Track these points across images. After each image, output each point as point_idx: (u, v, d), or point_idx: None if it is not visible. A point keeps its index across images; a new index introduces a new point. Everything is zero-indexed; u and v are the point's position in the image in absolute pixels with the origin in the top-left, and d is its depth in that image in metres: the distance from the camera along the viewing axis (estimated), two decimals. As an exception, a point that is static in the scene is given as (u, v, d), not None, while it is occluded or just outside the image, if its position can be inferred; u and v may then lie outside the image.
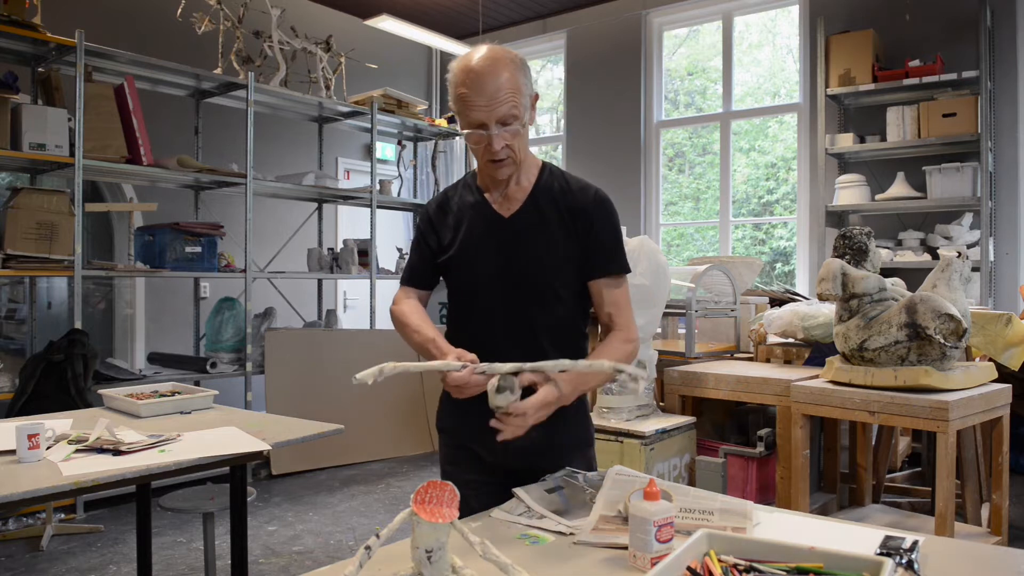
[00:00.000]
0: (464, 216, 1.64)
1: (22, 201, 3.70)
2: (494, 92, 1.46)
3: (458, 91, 1.50)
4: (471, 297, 1.65)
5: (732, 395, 3.17)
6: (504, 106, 1.47)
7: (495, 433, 1.41)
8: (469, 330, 1.64)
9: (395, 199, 5.97)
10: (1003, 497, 2.81)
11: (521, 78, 1.51)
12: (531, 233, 1.60)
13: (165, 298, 5.48)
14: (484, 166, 1.59)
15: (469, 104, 1.48)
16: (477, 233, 1.62)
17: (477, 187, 1.66)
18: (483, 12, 6.79)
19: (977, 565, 1.18)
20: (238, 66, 4.83)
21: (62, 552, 3.35)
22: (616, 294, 1.62)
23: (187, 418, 2.23)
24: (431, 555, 1.06)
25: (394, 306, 1.70)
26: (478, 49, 1.52)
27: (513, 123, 1.50)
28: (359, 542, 3.49)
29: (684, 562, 1.00)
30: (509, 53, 1.52)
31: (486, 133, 1.50)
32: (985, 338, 3.20)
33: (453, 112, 1.57)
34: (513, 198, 1.62)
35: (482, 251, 1.62)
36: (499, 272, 1.61)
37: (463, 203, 1.66)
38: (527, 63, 1.56)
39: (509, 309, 1.60)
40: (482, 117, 1.48)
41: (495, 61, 1.48)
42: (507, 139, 1.51)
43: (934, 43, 4.98)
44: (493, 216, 1.62)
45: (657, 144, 6.44)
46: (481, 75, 1.47)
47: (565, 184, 1.64)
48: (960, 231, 4.79)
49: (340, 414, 4.71)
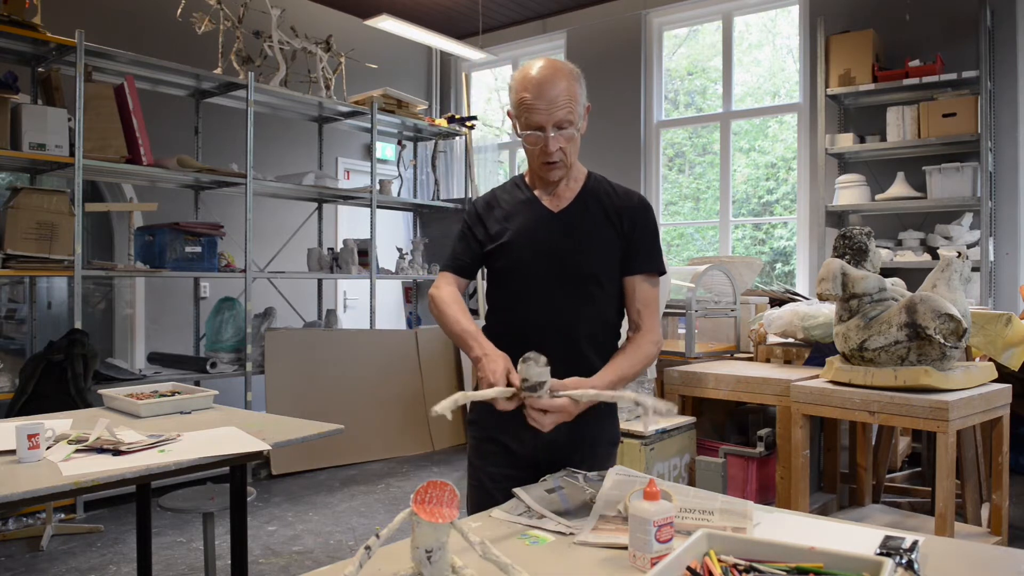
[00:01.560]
0: (514, 210, 1.74)
1: (22, 201, 3.70)
2: (554, 97, 1.58)
3: (520, 95, 1.62)
4: (517, 283, 1.72)
5: (732, 395, 3.17)
6: (561, 111, 1.59)
7: (525, 425, 1.47)
8: (512, 315, 1.72)
9: (395, 199, 5.97)
10: (1003, 497, 2.82)
11: (578, 88, 1.62)
12: (579, 226, 1.70)
13: (165, 298, 5.48)
14: (537, 167, 1.69)
15: (529, 107, 1.60)
16: (527, 224, 1.71)
17: (527, 186, 1.77)
18: (483, 12, 6.79)
19: (977, 565, 1.18)
20: (238, 66, 4.83)
21: (62, 552, 3.35)
22: (648, 293, 1.71)
23: (187, 418, 2.23)
24: (431, 555, 1.06)
25: (435, 290, 1.75)
26: (538, 60, 1.64)
27: (568, 128, 1.61)
28: (359, 542, 3.49)
29: (684, 562, 1.00)
30: (568, 65, 1.64)
31: (543, 135, 1.61)
32: (985, 338, 3.20)
33: (512, 116, 1.68)
34: (562, 196, 1.73)
35: (531, 240, 1.70)
36: (547, 261, 1.69)
37: (513, 199, 1.76)
38: (582, 76, 1.66)
39: (552, 296, 1.68)
40: (541, 120, 1.59)
41: (556, 70, 1.61)
42: (562, 142, 1.62)
43: (934, 43, 4.98)
44: (543, 210, 1.72)
45: (657, 144, 6.45)
46: (542, 82, 1.59)
47: (611, 188, 1.76)
48: (960, 231, 4.79)
49: (340, 414, 4.71)
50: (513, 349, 1.56)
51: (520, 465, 1.68)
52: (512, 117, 1.68)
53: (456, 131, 6.32)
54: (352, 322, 6.51)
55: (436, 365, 5.62)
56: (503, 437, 1.70)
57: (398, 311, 6.98)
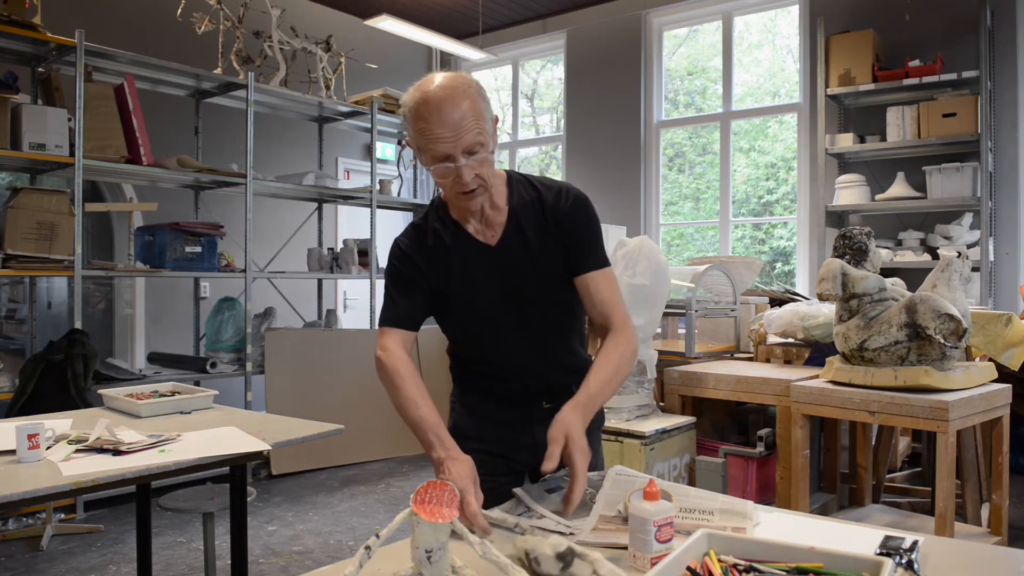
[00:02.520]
0: (449, 251, 1.58)
1: (22, 201, 3.70)
2: (457, 122, 1.39)
3: (417, 125, 1.42)
4: (476, 326, 1.63)
5: (732, 395, 3.17)
6: (469, 134, 1.40)
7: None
8: (479, 355, 1.67)
9: (395, 199, 5.97)
10: (1003, 497, 2.81)
11: (481, 103, 1.44)
12: (521, 256, 1.57)
13: (165, 298, 5.48)
14: (455, 198, 1.51)
15: (432, 137, 1.40)
16: (470, 266, 1.58)
17: (452, 220, 1.60)
18: (483, 12, 6.79)
19: (977, 565, 1.18)
20: (238, 66, 4.83)
21: (62, 552, 3.35)
22: (606, 288, 1.58)
23: (187, 418, 2.23)
24: (431, 555, 1.06)
25: (382, 353, 1.56)
26: (431, 79, 1.44)
27: (480, 151, 1.43)
28: (359, 542, 3.49)
29: (684, 562, 1.00)
30: (465, 78, 1.45)
31: (454, 166, 1.42)
32: (985, 338, 3.20)
33: (412, 148, 1.49)
34: (494, 223, 1.58)
35: (480, 283, 1.58)
36: (501, 299, 1.59)
37: (440, 238, 1.59)
38: (483, 87, 1.49)
39: (516, 331, 1.60)
40: (447, 149, 1.41)
41: (453, 90, 1.41)
42: (476, 168, 1.44)
43: (934, 43, 4.98)
44: (479, 247, 1.58)
45: (657, 144, 6.44)
46: (441, 106, 1.39)
47: (536, 193, 1.59)
48: (960, 231, 4.79)
49: (340, 414, 4.71)
50: (487, 383, 1.63)
51: (522, 474, 1.65)
52: (413, 148, 1.49)
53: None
54: (352, 322, 6.51)
55: (436, 365, 5.62)
56: (500, 450, 1.65)
57: (398, 311, 6.96)
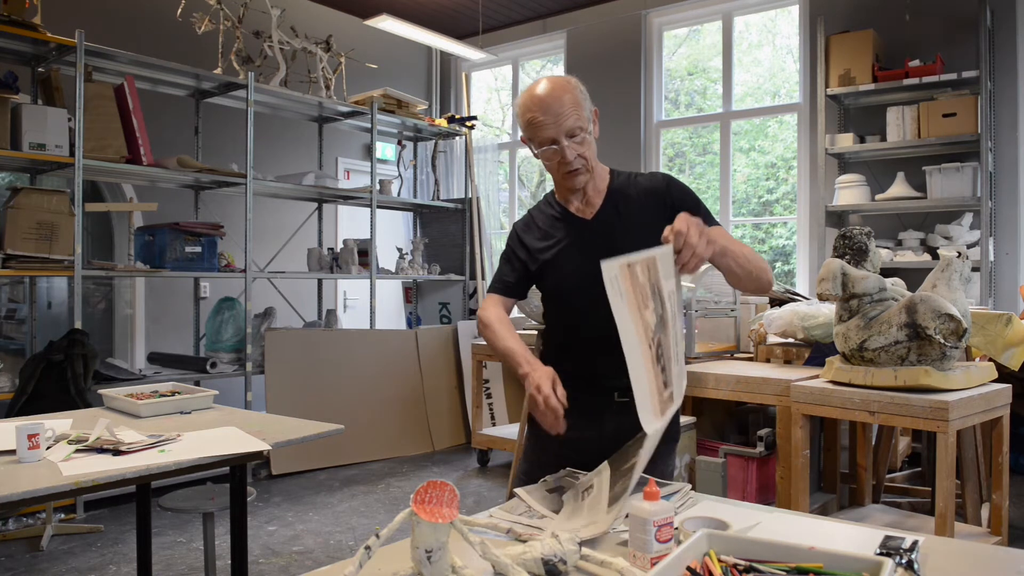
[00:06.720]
0: (550, 227, 1.80)
1: (22, 201, 3.70)
2: (559, 110, 1.64)
3: (527, 116, 1.68)
4: (565, 297, 1.78)
5: (732, 395, 3.17)
6: (569, 119, 1.64)
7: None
8: (568, 329, 1.79)
9: (395, 199, 5.97)
10: (1003, 497, 2.81)
11: (579, 96, 1.68)
12: (614, 229, 1.74)
13: (165, 298, 5.48)
14: (561, 179, 1.74)
15: (538, 124, 1.66)
16: (565, 239, 1.76)
17: (557, 202, 1.82)
18: (483, 12, 6.79)
19: (977, 565, 1.18)
20: (238, 66, 4.83)
21: (62, 552, 3.35)
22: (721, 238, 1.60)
23: (187, 418, 2.23)
24: (431, 555, 1.06)
25: (482, 312, 1.82)
26: (539, 81, 1.70)
27: (580, 134, 1.66)
28: (359, 542, 3.49)
29: (684, 562, 1.00)
30: (565, 77, 1.70)
31: (558, 147, 1.66)
32: (985, 338, 3.20)
33: (524, 140, 1.75)
34: (592, 202, 1.77)
35: (572, 254, 1.75)
36: (590, 270, 1.61)
37: (547, 217, 1.82)
38: (582, 85, 1.72)
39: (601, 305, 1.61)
40: (551, 134, 1.65)
41: (555, 85, 1.67)
42: (577, 148, 1.67)
43: (934, 43, 4.98)
44: (577, 221, 1.77)
45: (657, 144, 6.44)
46: (545, 98, 1.65)
47: (634, 178, 1.80)
48: (960, 231, 4.79)
49: (340, 414, 4.71)
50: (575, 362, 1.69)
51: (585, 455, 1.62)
52: (526, 142, 1.74)
53: (456, 131, 6.32)
54: (352, 322, 6.51)
55: (436, 365, 5.62)
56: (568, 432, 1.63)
57: (398, 311, 6.98)
